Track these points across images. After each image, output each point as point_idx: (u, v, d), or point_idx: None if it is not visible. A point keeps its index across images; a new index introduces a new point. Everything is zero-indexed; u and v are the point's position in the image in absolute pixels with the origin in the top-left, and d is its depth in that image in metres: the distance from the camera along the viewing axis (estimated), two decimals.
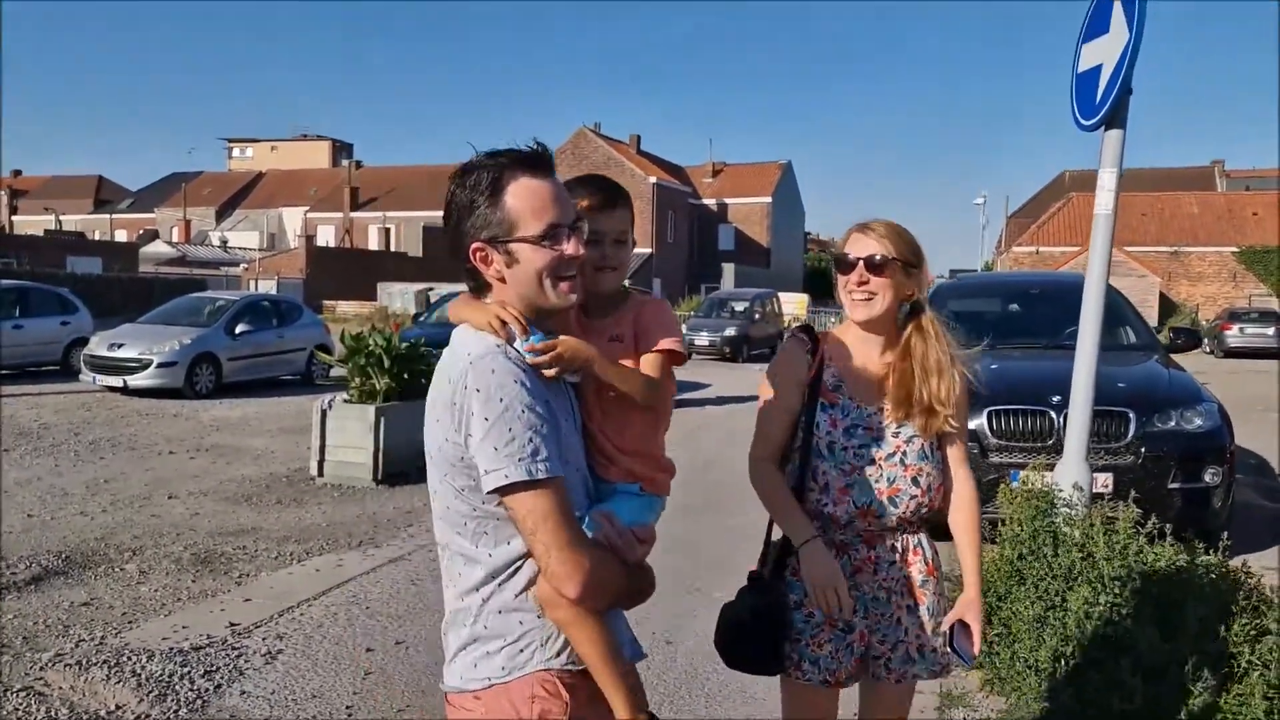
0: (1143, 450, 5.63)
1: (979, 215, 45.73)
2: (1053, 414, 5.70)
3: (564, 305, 1.73)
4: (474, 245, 1.69)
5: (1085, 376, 4.47)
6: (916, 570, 2.38)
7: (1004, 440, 5.80)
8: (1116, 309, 7.47)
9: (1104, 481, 5.44)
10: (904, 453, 2.31)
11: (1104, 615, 3.75)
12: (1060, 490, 4.32)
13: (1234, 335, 31.00)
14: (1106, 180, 4.43)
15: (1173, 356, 7.11)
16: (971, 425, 5.85)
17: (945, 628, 2.37)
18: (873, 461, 2.29)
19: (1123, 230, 42.01)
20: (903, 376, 2.31)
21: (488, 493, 1.59)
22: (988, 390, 5.73)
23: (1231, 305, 36.08)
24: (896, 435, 2.31)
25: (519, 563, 1.67)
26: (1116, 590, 3.80)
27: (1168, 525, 4.07)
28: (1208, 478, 5.67)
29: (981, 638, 2.35)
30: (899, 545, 2.36)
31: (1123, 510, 4.05)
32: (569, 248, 1.69)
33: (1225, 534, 4.28)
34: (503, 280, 1.70)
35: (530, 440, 1.56)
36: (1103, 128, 4.42)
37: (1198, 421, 5.80)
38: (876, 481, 2.28)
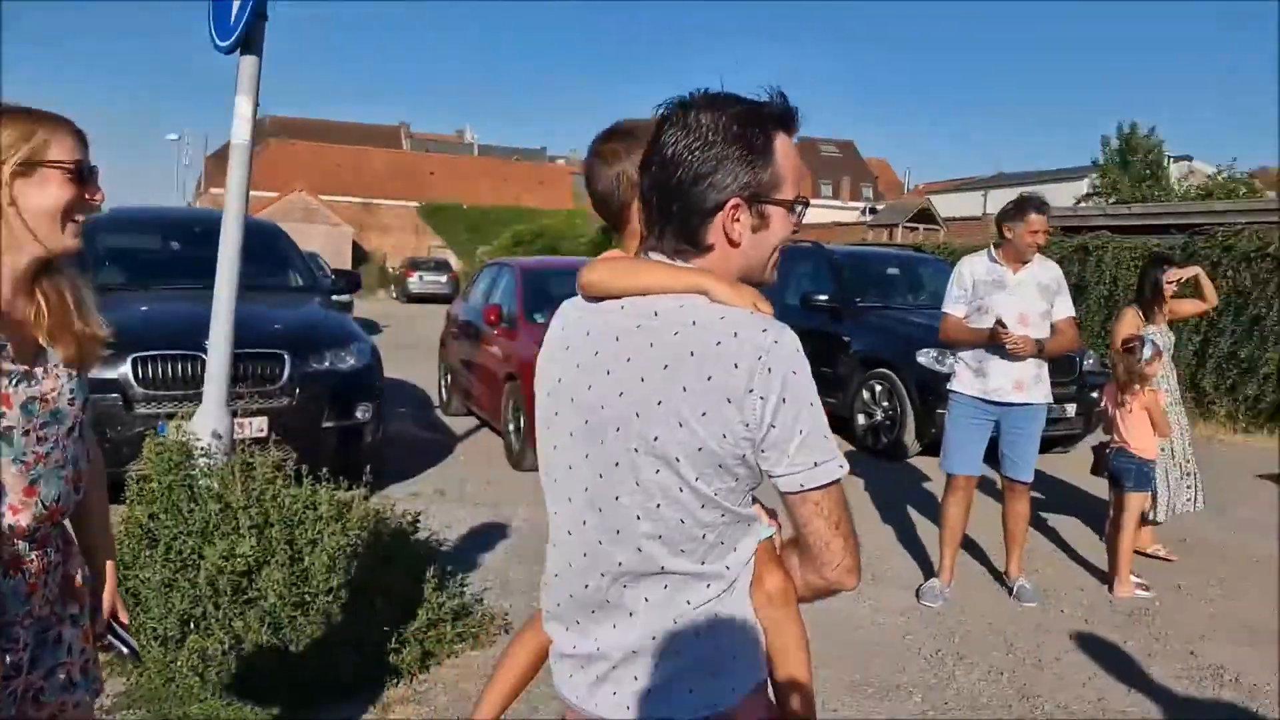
0: (298, 391, 5.64)
1: (178, 154, 43.43)
2: (205, 358, 5.38)
3: (768, 284, 1.52)
4: (735, 200, 1.41)
5: (224, 319, 4.22)
6: (75, 565, 1.87)
7: (153, 389, 5.32)
8: (280, 251, 7.44)
9: (259, 426, 5.32)
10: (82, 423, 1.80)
11: (240, 568, 3.58)
12: (199, 439, 4.03)
13: (415, 282, 34.43)
14: (243, 108, 4.19)
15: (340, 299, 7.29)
16: (114, 374, 5.26)
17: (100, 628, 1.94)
18: (57, 443, 1.73)
19: (320, 179, 43.64)
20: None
21: (789, 493, 1.40)
22: (132, 336, 5.23)
23: (414, 255, 39.96)
24: (72, 403, 1.76)
25: (743, 570, 1.46)
26: (254, 539, 3.66)
27: (318, 465, 4.04)
28: (359, 414, 5.93)
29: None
30: (61, 538, 1.82)
31: (260, 455, 3.92)
32: (796, 222, 1.50)
33: (369, 467, 4.42)
34: (736, 245, 1.44)
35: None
36: (238, 52, 4.17)
37: (350, 361, 6.02)
38: (63, 467, 1.74)
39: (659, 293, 1.42)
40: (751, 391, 1.33)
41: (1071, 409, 7.87)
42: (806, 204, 1.49)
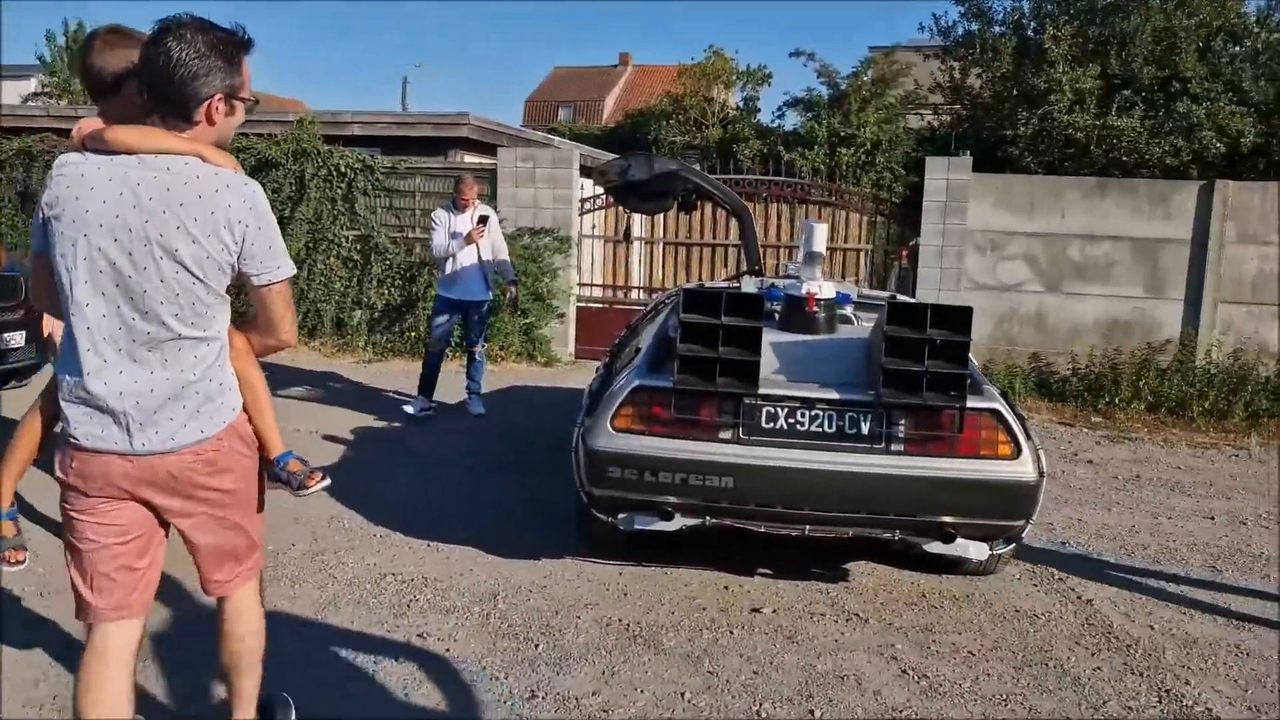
0: None
1: None
2: None
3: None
4: (218, 94, 2.19)
5: None
6: None
7: None
8: None
9: None
10: None
11: None
12: None
13: None
14: None
15: None
16: None
17: None
18: None
19: None
20: None
21: (260, 286, 2.28)
22: None
23: None
24: None
25: (223, 333, 2.32)
26: None
27: None
28: None
29: None
30: None
31: None
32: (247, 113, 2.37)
33: None
34: (214, 124, 2.23)
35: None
36: None
37: None
38: None
39: (169, 153, 2.17)
40: (241, 223, 2.19)
41: (20, 337, 6.89)
42: (256, 102, 2.37)
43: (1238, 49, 12.41)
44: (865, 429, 3.90)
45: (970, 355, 3.85)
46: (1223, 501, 6.21)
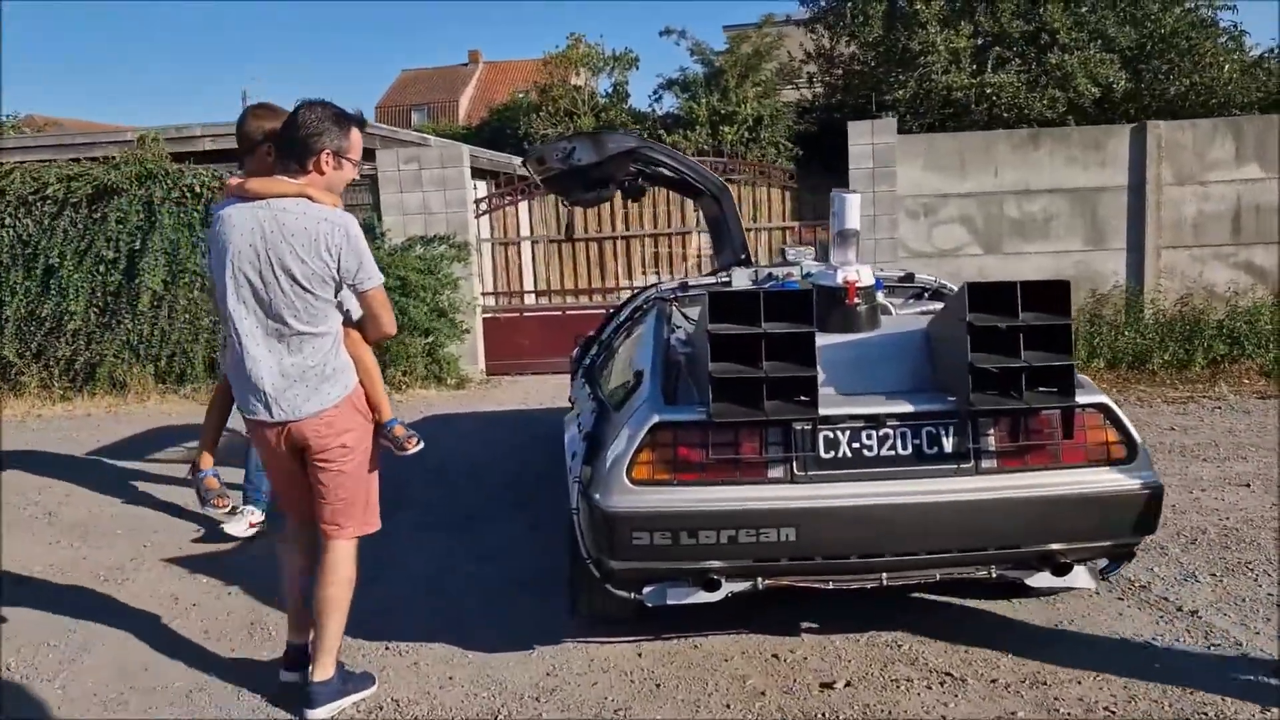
0: None
1: None
2: None
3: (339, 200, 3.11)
4: (327, 150, 2.95)
5: None
6: None
7: None
8: None
9: None
10: None
11: None
12: None
13: None
14: None
15: None
16: None
17: None
18: None
19: None
20: None
21: (361, 292, 3.01)
22: None
23: None
24: None
25: (337, 331, 3.04)
26: None
27: None
28: None
29: None
30: None
31: None
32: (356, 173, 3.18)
33: None
34: (323, 174, 2.97)
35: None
36: None
37: None
38: None
39: (284, 196, 2.91)
40: (336, 246, 2.89)
41: None
42: (358, 163, 3.10)
43: None
44: (948, 446, 3.08)
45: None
46: (1243, 464, 5.70)
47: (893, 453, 3.08)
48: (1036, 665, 3.33)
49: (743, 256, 4.48)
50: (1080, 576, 3.20)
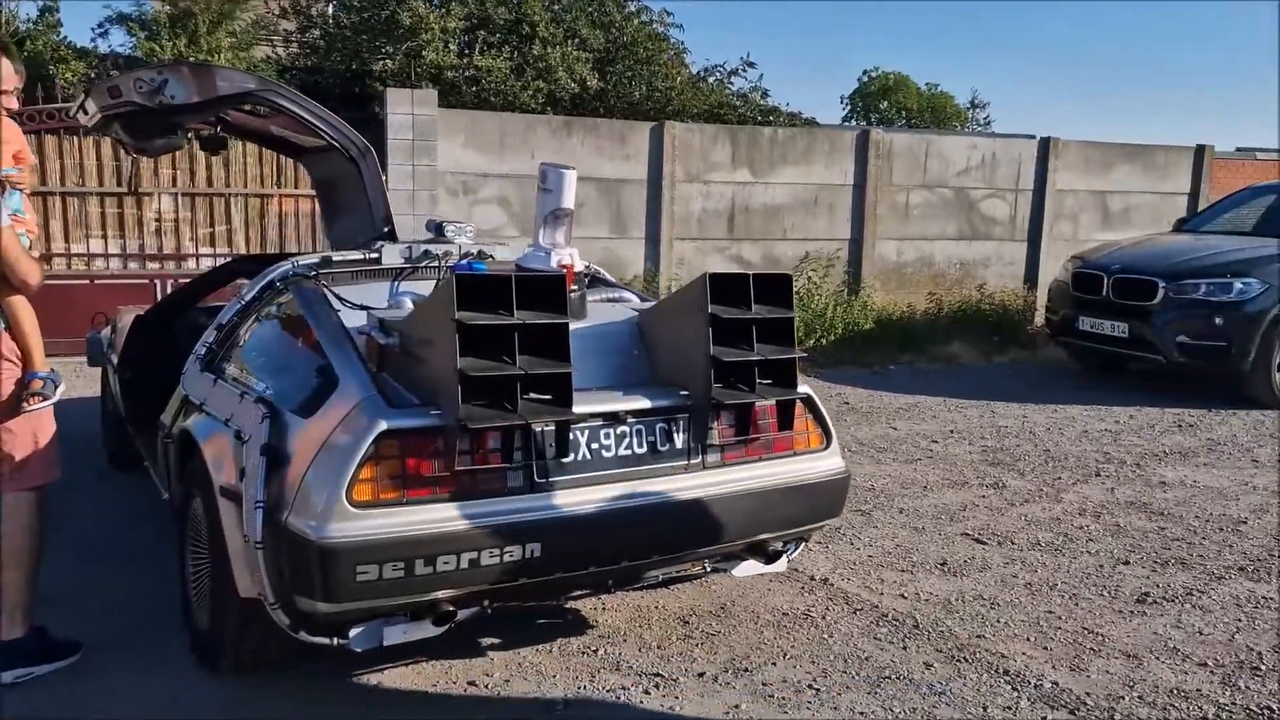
0: None
1: None
2: None
3: None
4: None
5: None
6: None
7: None
8: None
9: None
10: None
11: None
12: None
13: None
14: None
15: None
16: None
17: None
18: None
19: None
20: None
21: None
22: None
23: None
24: None
25: None
26: None
27: None
28: None
29: None
30: None
31: None
32: None
33: None
34: None
35: None
36: None
37: None
38: None
39: None
40: None
41: None
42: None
43: None
44: (679, 441, 2.96)
45: None
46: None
47: (629, 452, 2.88)
48: (738, 652, 3.36)
49: (385, 229, 3.91)
50: (781, 562, 3.29)
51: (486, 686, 3.08)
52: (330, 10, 14.16)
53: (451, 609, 2.63)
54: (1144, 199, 11.64)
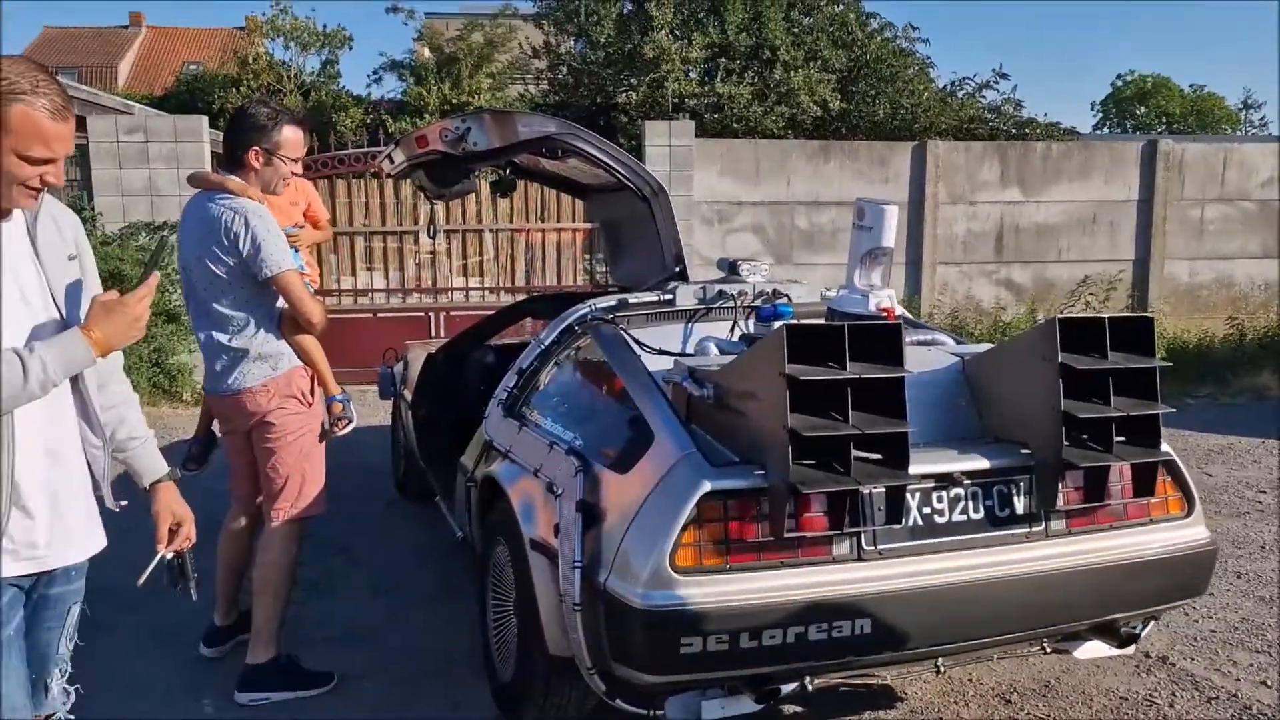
0: None
1: None
2: None
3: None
4: (255, 149, 3.10)
5: None
6: None
7: None
8: None
9: None
10: None
11: None
12: None
13: None
14: None
15: None
16: None
17: None
18: None
19: None
20: None
21: (264, 279, 3.03)
22: None
23: None
24: None
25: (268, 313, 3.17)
26: None
27: None
28: None
29: None
30: None
31: None
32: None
33: None
34: (255, 170, 3.12)
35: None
36: None
37: None
38: None
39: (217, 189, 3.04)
40: (235, 233, 2.97)
41: None
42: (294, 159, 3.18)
43: (809, 20, 12.85)
44: (1019, 506, 2.64)
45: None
46: None
47: (964, 518, 2.58)
48: None
49: (677, 269, 3.82)
50: (1133, 646, 2.87)
51: None
52: (577, 48, 14.61)
53: (775, 686, 2.43)
54: None
